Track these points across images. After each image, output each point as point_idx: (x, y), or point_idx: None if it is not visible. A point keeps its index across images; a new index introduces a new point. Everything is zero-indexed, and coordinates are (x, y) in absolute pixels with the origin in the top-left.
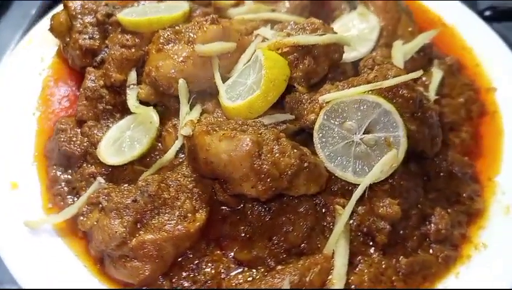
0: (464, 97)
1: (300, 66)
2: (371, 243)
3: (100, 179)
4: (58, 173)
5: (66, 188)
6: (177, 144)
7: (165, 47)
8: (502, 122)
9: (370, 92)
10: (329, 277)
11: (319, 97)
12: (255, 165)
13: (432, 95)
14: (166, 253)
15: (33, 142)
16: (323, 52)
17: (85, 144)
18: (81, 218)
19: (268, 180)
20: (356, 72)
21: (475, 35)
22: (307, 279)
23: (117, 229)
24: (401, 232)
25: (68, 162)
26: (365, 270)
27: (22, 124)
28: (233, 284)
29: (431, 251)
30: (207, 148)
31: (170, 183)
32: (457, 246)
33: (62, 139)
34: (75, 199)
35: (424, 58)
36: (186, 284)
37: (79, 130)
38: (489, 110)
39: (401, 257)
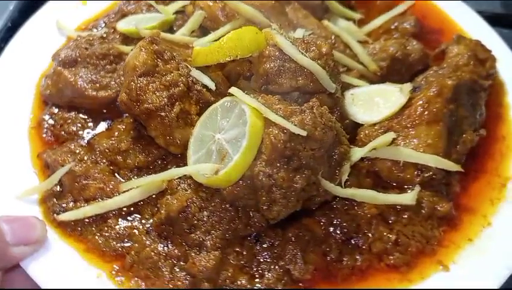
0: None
1: (265, 65)
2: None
3: (102, 31)
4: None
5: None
6: None
7: None
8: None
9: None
10: (99, 200)
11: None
12: (130, 79)
13: (340, 190)
14: (65, 92)
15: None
16: (292, 69)
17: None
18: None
19: (127, 96)
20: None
21: None
22: (82, 181)
23: (63, 52)
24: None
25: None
26: (121, 226)
27: None
28: (69, 145)
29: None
30: (132, 48)
31: (123, 58)
32: None
33: None
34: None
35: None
36: (54, 121)
37: None
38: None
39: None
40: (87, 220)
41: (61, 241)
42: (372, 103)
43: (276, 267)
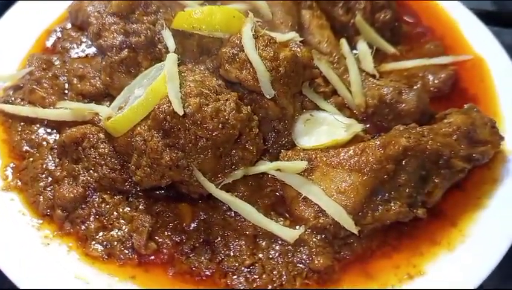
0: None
1: (224, 49)
2: None
3: None
4: None
5: None
6: None
7: None
8: None
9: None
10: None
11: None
12: (103, 14)
13: (213, 189)
14: (79, 15)
15: None
16: (241, 60)
17: None
18: None
19: (93, 28)
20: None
21: None
22: (33, 85)
23: None
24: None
25: None
26: (38, 134)
27: None
28: (54, 56)
29: None
30: None
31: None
32: None
33: None
34: None
35: None
36: (61, 34)
37: None
38: None
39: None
40: (19, 117)
41: None
42: (318, 129)
43: (126, 229)
